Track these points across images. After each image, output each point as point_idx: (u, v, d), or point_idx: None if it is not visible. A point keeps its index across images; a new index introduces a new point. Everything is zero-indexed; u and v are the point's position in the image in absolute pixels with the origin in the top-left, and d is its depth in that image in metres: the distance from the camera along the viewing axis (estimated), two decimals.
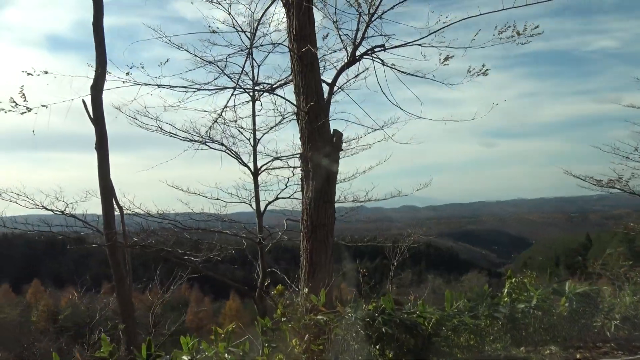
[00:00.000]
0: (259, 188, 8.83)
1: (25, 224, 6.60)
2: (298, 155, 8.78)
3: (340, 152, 6.12)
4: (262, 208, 8.88)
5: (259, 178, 8.87)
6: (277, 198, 8.71)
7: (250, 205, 9.04)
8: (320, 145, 5.61)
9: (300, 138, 5.86)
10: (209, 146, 8.22)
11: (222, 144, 8.71)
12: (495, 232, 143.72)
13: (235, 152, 8.59)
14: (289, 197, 8.86)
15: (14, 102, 5.53)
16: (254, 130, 8.74)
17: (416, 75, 6.51)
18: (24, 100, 5.60)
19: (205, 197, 8.92)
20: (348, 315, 4.84)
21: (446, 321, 5.20)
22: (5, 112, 5.51)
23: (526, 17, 6.07)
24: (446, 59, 6.28)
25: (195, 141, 7.97)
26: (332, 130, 5.86)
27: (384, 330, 4.71)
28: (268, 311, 8.75)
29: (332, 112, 6.45)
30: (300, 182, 8.96)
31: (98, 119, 6.21)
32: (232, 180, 9.11)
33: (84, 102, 6.25)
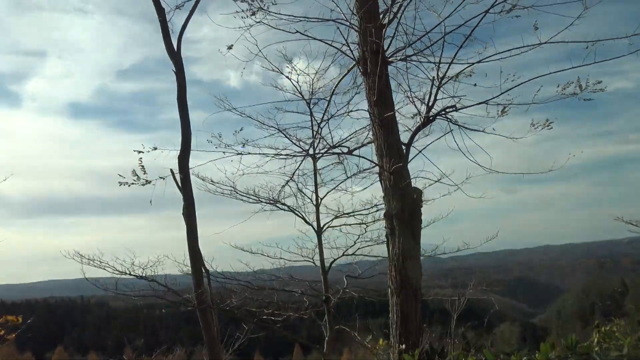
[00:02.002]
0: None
1: (115, 289, 6.88)
2: (363, 212, 9.13)
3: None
4: (326, 265, 9.06)
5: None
6: (343, 254, 8.92)
7: (314, 262, 9.25)
8: (405, 203, 5.89)
9: (384, 197, 6.16)
10: (278, 207, 8.57)
11: (284, 204, 9.06)
12: (524, 281, 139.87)
13: (300, 212, 8.90)
14: (352, 255, 9.06)
15: (136, 174, 5.99)
16: (316, 190, 9.08)
17: (477, 130, 6.87)
18: (144, 173, 6.06)
19: (268, 256, 9.17)
20: None
21: None
22: (129, 185, 5.95)
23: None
24: (503, 111, 6.64)
25: (268, 203, 8.35)
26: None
27: None
28: None
29: None
30: (361, 239, 9.30)
31: (186, 188, 6.59)
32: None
33: (171, 171, 6.68)
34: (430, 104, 6.29)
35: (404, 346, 5.31)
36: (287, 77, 8.76)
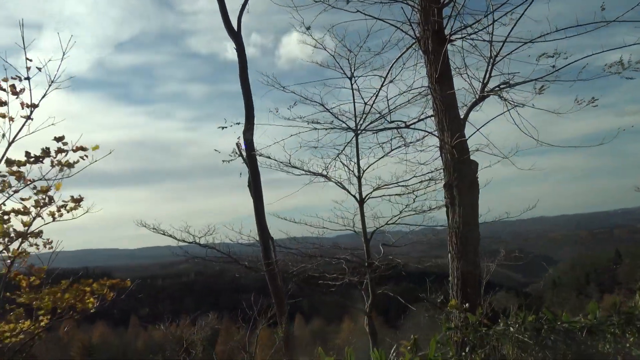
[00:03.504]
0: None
1: (186, 255, 7.35)
2: (402, 183, 9.58)
3: None
4: (368, 233, 9.57)
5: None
6: (387, 223, 9.42)
7: (355, 231, 9.75)
8: (464, 174, 6.31)
9: (444, 169, 6.57)
10: (327, 179, 9.04)
11: (327, 176, 9.53)
12: (519, 251, 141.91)
13: (343, 184, 9.37)
14: (394, 223, 9.55)
15: (235, 152, 6.43)
16: (358, 163, 9.53)
17: (518, 105, 7.25)
18: (240, 149, 6.50)
19: (311, 225, 9.66)
20: (513, 327, 5.42)
21: (595, 329, 5.74)
22: (229, 162, 6.40)
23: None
24: (541, 88, 7.01)
25: (318, 175, 8.82)
26: None
27: (552, 338, 5.25)
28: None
29: None
30: (407, 209, 9.78)
31: (251, 161, 6.98)
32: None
33: (237, 145, 7.07)
34: (485, 81, 6.64)
35: (467, 305, 5.77)
36: (332, 54, 9.15)
